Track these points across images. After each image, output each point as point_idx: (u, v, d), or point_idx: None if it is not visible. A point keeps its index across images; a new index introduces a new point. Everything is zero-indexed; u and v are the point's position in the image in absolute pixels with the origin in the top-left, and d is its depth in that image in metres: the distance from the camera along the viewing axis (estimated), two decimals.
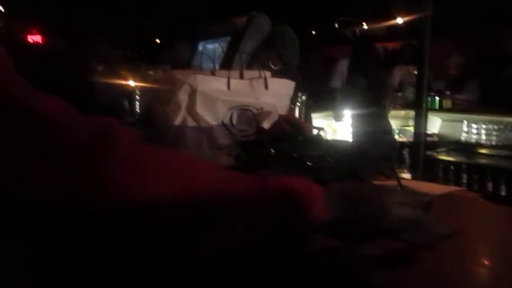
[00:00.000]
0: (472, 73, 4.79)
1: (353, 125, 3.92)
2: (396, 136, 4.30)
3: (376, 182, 1.10)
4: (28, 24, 4.28)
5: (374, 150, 3.70)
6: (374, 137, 3.76)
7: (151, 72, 2.21)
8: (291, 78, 2.24)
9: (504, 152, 3.60)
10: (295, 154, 1.05)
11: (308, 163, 1.06)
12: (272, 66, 2.50)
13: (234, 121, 1.28)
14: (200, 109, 1.23)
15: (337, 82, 4.95)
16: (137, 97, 2.29)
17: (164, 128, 1.33)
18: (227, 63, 1.52)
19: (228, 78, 1.26)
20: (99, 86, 1.71)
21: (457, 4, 5.06)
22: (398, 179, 0.91)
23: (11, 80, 0.51)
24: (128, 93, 2.34)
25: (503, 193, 3.22)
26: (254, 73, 1.35)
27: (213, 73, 1.30)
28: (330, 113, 4.33)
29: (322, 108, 4.29)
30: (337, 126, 4.34)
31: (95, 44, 2.21)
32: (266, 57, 2.49)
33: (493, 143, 3.72)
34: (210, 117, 1.25)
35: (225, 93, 1.26)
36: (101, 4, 4.48)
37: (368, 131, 3.76)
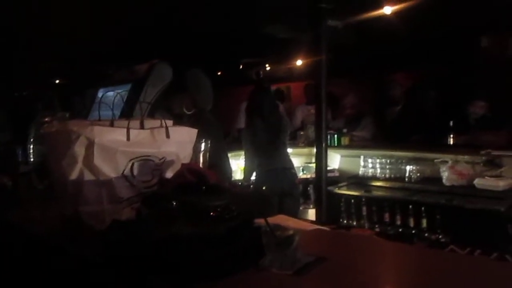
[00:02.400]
0: (366, 112, 5.21)
1: (257, 164, 4.00)
2: (300, 173, 4.48)
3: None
4: None
5: (276, 187, 3.81)
6: (276, 175, 3.86)
7: (47, 119, 2.09)
8: (205, 122, 2.26)
9: (397, 184, 3.91)
10: (198, 205, 1.05)
11: (212, 213, 1.06)
12: (185, 111, 2.51)
13: (135, 172, 1.25)
14: (98, 161, 1.18)
15: (242, 122, 5.08)
16: (31, 145, 2.15)
17: (59, 182, 1.25)
18: (127, 112, 1.49)
19: (128, 129, 1.24)
20: None
21: (353, 50, 5.54)
22: (266, 220, 0.98)
23: None
24: (23, 140, 2.18)
25: (398, 222, 3.47)
26: (155, 122, 1.34)
27: (112, 123, 1.26)
28: (238, 153, 4.40)
29: (231, 148, 4.35)
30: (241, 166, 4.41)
31: None
32: (179, 102, 2.50)
33: (387, 176, 4.03)
34: (109, 169, 1.21)
35: (125, 143, 1.23)
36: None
37: (269, 169, 3.85)
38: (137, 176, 1.25)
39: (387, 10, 4.64)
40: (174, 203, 1.03)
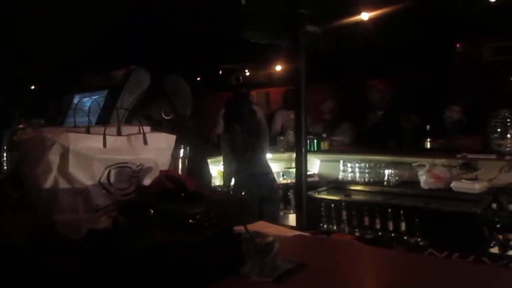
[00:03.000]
0: (345, 117, 5.26)
1: (236, 169, 4.00)
2: (281, 178, 4.49)
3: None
4: None
5: (255, 193, 3.82)
6: (255, 180, 3.86)
7: (21, 126, 2.04)
8: (185, 128, 2.24)
9: (377, 188, 3.95)
10: (176, 213, 1.03)
11: (190, 221, 1.05)
12: (164, 116, 2.48)
13: (112, 179, 1.22)
14: (73, 169, 1.15)
15: (221, 128, 5.07)
16: (5, 153, 2.09)
17: (33, 191, 1.22)
18: (103, 118, 1.46)
19: (104, 135, 1.21)
20: None
21: (332, 55, 5.59)
22: (246, 227, 0.97)
23: None
24: None
25: (378, 226, 3.50)
26: (132, 128, 1.32)
27: (87, 130, 1.24)
28: (217, 158, 4.38)
29: (211, 154, 4.34)
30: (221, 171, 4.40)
31: None
32: (157, 108, 2.47)
33: (366, 180, 4.07)
34: (85, 177, 1.18)
35: (101, 150, 1.20)
36: None
37: (248, 174, 3.86)
38: (114, 183, 1.23)
39: (365, 16, 4.72)
40: (152, 211, 1.01)
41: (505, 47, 5.43)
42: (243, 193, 3.84)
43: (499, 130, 3.59)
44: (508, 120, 3.57)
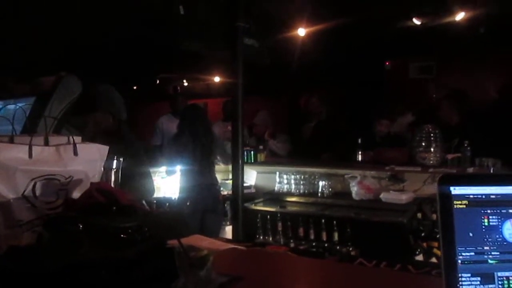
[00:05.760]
0: (281, 128, 5.37)
1: (180, 181, 3.97)
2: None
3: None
4: None
5: (199, 204, 3.81)
6: (200, 192, 3.86)
7: None
8: (123, 137, 2.16)
9: (311, 199, 4.05)
10: (107, 228, 0.99)
11: (122, 235, 1.01)
12: (100, 127, 2.38)
13: (38, 192, 1.15)
14: None
15: (157, 138, 4.99)
16: None
17: None
18: (30, 127, 1.38)
19: (30, 145, 1.15)
20: None
21: (268, 69, 5.69)
22: (179, 241, 0.96)
23: None
24: None
25: (312, 236, 3.58)
26: (61, 138, 1.25)
27: (11, 139, 1.16)
28: (153, 169, 4.30)
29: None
30: (161, 183, 4.32)
31: None
32: (91, 118, 2.37)
33: (301, 191, 4.16)
34: (7, 190, 1.10)
35: (26, 161, 1.13)
36: None
37: (194, 185, 3.85)
38: (39, 196, 1.16)
39: (301, 32, 4.86)
40: (81, 226, 0.96)
41: (428, 67, 5.85)
42: (187, 204, 3.82)
43: (423, 144, 3.84)
44: (432, 134, 3.82)
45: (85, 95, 1.67)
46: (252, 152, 4.51)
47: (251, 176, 4.65)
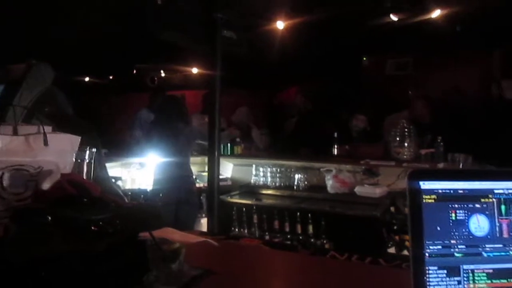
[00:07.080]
0: (260, 122, 5.37)
1: (155, 172, 3.94)
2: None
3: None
4: None
5: (173, 195, 3.78)
6: (173, 183, 3.84)
7: None
8: (87, 128, 2.11)
9: (287, 192, 4.08)
10: (78, 220, 0.97)
11: (93, 227, 0.99)
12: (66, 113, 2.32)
13: (6, 183, 1.12)
14: None
15: (137, 132, 4.93)
16: None
17: None
18: None
19: None
20: None
21: (247, 62, 5.67)
22: (151, 233, 0.96)
23: None
24: None
25: (287, 229, 3.60)
26: (31, 128, 1.22)
27: None
28: (128, 161, 4.25)
29: (120, 157, 4.19)
30: (137, 174, 4.28)
31: None
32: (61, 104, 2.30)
33: (277, 184, 4.18)
34: None
35: None
36: None
37: (168, 177, 3.83)
38: (7, 188, 1.13)
39: (280, 25, 4.85)
40: (50, 218, 0.94)
41: (404, 63, 5.93)
42: (160, 195, 3.79)
43: (398, 139, 3.90)
44: (406, 130, 3.88)
45: (56, 82, 1.63)
46: (229, 145, 4.50)
47: (227, 169, 4.65)
